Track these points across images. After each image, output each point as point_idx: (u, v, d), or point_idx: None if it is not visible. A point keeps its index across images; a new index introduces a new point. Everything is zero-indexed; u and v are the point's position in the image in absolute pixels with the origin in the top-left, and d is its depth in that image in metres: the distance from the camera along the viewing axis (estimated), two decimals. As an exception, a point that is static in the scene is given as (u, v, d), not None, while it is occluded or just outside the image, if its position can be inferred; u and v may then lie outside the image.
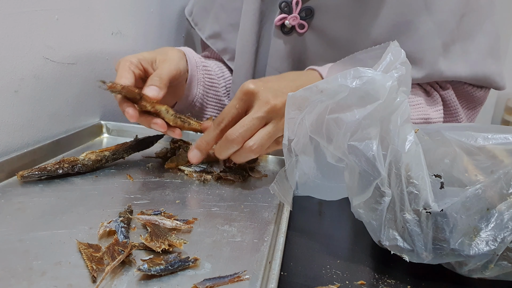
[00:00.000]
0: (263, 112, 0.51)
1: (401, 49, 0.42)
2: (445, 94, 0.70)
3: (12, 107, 0.57)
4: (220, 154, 0.54)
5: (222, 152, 0.53)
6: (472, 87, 0.71)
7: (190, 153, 0.55)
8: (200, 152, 0.55)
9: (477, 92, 0.72)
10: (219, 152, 0.54)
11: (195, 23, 0.86)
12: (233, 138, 0.51)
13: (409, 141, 0.38)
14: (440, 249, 0.36)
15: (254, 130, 0.52)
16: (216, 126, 0.54)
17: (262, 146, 0.52)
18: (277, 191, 0.46)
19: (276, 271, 0.35)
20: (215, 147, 0.54)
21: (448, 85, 0.71)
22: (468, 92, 0.72)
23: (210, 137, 0.54)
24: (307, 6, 0.68)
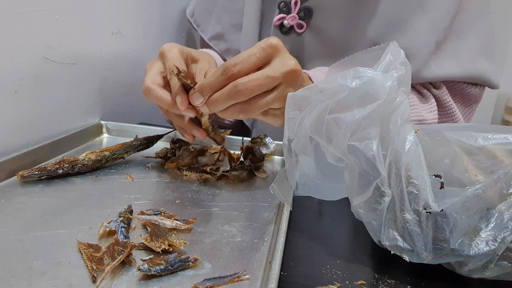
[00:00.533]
0: (280, 74, 0.47)
1: (400, 49, 0.42)
2: (439, 94, 0.70)
3: (12, 107, 0.57)
4: (217, 103, 0.48)
5: (221, 101, 0.48)
6: (467, 85, 0.71)
7: (192, 96, 0.50)
8: (202, 96, 0.49)
9: (471, 89, 0.72)
10: (217, 101, 0.48)
11: (197, 25, 0.86)
12: (241, 89, 0.46)
13: (409, 141, 0.38)
14: (440, 249, 0.36)
15: (264, 89, 0.48)
16: (225, 70, 0.47)
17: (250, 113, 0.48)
18: (277, 191, 0.46)
19: (276, 271, 0.35)
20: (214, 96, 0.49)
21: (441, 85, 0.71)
22: (463, 90, 0.72)
23: (216, 80, 0.48)
24: (306, 6, 0.68)
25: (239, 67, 0.47)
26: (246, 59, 0.48)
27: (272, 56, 0.49)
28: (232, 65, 0.47)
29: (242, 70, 0.47)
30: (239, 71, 0.47)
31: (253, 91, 0.47)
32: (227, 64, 0.48)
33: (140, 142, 0.62)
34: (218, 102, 0.48)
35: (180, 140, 0.65)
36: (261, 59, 0.48)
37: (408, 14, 0.65)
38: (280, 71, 0.47)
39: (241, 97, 0.47)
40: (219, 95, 0.48)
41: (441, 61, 0.67)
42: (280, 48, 0.49)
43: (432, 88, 0.71)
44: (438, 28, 0.66)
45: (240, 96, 0.47)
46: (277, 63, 0.48)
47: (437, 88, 0.71)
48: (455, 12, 0.66)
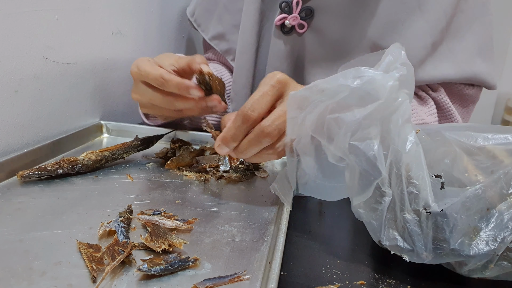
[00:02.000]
0: None
1: (401, 49, 0.42)
2: (437, 97, 0.71)
3: (12, 107, 0.57)
4: (248, 150, 0.47)
5: (251, 147, 0.46)
6: (464, 86, 0.71)
7: (217, 147, 0.48)
8: (228, 147, 0.48)
9: (468, 90, 0.72)
10: (247, 147, 0.47)
11: (198, 24, 0.86)
12: (269, 131, 0.45)
13: (410, 141, 0.38)
14: (440, 249, 0.36)
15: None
16: (245, 118, 0.46)
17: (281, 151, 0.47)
18: (278, 191, 0.46)
19: (276, 271, 0.35)
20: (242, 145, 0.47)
21: (439, 87, 0.71)
22: (460, 91, 0.72)
23: (239, 130, 0.46)
24: (307, 6, 0.68)
25: (258, 111, 0.46)
26: (261, 100, 0.47)
27: (283, 90, 0.48)
28: (251, 110, 0.46)
29: (261, 113, 0.46)
30: (260, 114, 0.46)
31: (281, 130, 0.46)
32: (245, 112, 0.46)
33: (140, 142, 0.62)
34: (248, 149, 0.47)
35: (180, 140, 0.65)
36: (274, 96, 0.47)
37: (406, 15, 0.65)
38: None
39: (270, 139, 0.46)
40: (247, 143, 0.47)
41: (437, 62, 0.67)
42: (288, 82, 0.49)
43: (430, 91, 0.71)
44: (435, 29, 0.66)
45: (269, 138, 0.46)
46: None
47: (435, 90, 0.71)
48: (452, 13, 0.66)
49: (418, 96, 0.71)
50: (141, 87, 0.57)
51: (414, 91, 0.71)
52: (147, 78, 0.55)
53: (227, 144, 0.47)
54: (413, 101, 0.69)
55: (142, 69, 0.55)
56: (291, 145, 0.44)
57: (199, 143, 0.67)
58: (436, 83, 0.70)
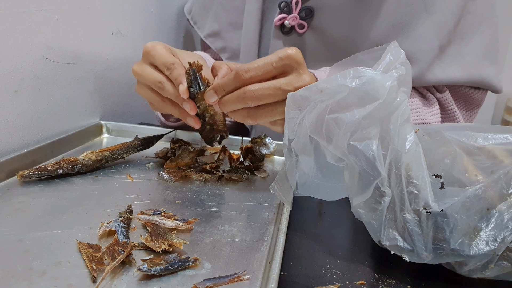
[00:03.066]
0: (294, 88, 0.47)
1: (400, 49, 0.42)
2: (442, 98, 0.70)
3: (12, 107, 0.57)
4: (227, 104, 0.49)
5: (230, 104, 0.49)
6: (470, 89, 0.71)
7: (206, 93, 0.51)
8: (216, 95, 0.50)
9: (474, 93, 0.72)
10: (227, 102, 0.49)
11: (194, 22, 0.86)
12: (249, 96, 0.47)
13: (409, 141, 0.38)
14: (440, 249, 0.36)
15: (273, 100, 0.48)
16: (237, 75, 0.48)
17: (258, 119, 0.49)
18: (277, 191, 0.46)
19: (276, 271, 0.35)
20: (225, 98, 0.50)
21: (444, 88, 0.71)
22: (466, 94, 0.72)
23: (229, 83, 0.49)
24: (307, 6, 0.68)
25: (252, 73, 0.47)
26: (261, 67, 0.48)
27: (290, 68, 0.49)
28: (245, 71, 0.48)
29: (254, 77, 0.48)
30: (251, 77, 0.48)
31: (260, 100, 0.47)
32: (240, 69, 0.48)
33: (140, 142, 0.62)
34: (228, 103, 0.49)
35: (180, 140, 0.65)
36: (277, 68, 0.48)
37: (413, 17, 0.65)
38: (293, 85, 0.48)
39: (249, 103, 0.48)
40: (229, 97, 0.49)
41: (444, 65, 0.67)
42: (300, 61, 0.49)
43: (436, 92, 0.71)
44: (442, 31, 0.65)
45: (247, 102, 0.48)
46: (294, 77, 0.48)
47: (441, 91, 0.71)
48: (459, 15, 0.66)
49: (423, 96, 0.71)
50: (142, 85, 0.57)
51: (419, 91, 0.71)
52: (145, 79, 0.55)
53: (216, 92, 0.50)
54: (417, 100, 0.69)
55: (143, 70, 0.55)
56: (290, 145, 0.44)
57: (199, 143, 0.67)
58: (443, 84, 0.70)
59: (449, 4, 0.65)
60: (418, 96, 0.71)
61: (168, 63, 0.53)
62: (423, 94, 0.71)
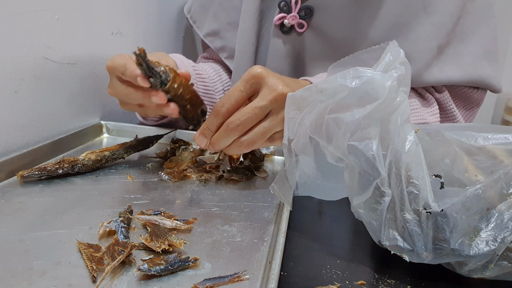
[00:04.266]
0: (268, 101, 0.48)
1: (400, 49, 0.42)
2: (441, 98, 0.70)
3: (12, 107, 0.57)
4: (219, 143, 0.51)
5: (221, 140, 0.50)
6: (468, 88, 0.71)
7: (197, 139, 0.52)
8: (205, 137, 0.52)
9: (473, 93, 0.72)
10: (218, 140, 0.50)
11: (193, 21, 0.86)
12: (233, 127, 0.49)
13: (409, 141, 0.38)
14: (440, 249, 0.36)
15: (255, 120, 0.49)
16: (216, 112, 0.50)
17: (253, 143, 0.50)
18: (277, 191, 0.46)
19: (276, 271, 0.35)
20: (213, 138, 0.51)
21: (443, 88, 0.71)
22: (465, 94, 0.72)
23: (212, 123, 0.51)
24: (307, 5, 0.68)
25: (227, 105, 0.49)
26: (231, 95, 0.50)
27: (258, 86, 0.50)
28: (220, 105, 0.50)
29: (230, 108, 0.49)
30: (228, 109, 0.49)
31: (245, 125, 0.49)
32: (216, 105, 0.50)
33: (140, 142, 0.62)
34: (219, 141, 0.51)
35: (180, 140, 0.65)
36: (246, 91, 0.50)
37: (412, 17, 0.65)
38: (267, 99, 0.48)
39: (237, 133, 0.49)
40: (217, 136, 0.51)
41: (443, 65, 0.67)
42: (263, 75, 0.49)
43: (434, 92, 0.71)
44: (441, 32, 0.65)
45: (235, 132, 0.49)
46: (264, 91, 0.49)
47: (440, 92, 0.71)
48: (458, 16, 0.66)
49: (421, 96, 0.71)
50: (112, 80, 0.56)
51: (418, 91, 0.71)
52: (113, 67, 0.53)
53: (204, 135, 0.52)
54: (416, 101, 0.69)
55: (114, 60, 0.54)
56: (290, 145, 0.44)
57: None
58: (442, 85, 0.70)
59: (448, 4, 0.65)
60: (416, 96, 0.71)
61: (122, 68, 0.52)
62: (422, 95, 0.71)
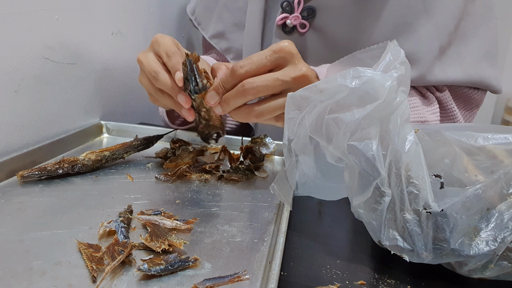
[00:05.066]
0: (291, 78, 0.48)
1: (400, 48, 0.42)
2: (442, 97, 0.71)
3: (12, 107, 0.57)
4: (228, 102, 0.49)
5: (231, 100, 0.49)
6: (469, 89, 0.71)
7: (207, 95, 0.51)
8: (217, 94, 0.51)
9: (473, 94, 0.72)
10: (228, 100, 0.49)
11: (198, 23, 0.86)
12: (248, 88, 0.47)
13: (409, 141, 0.38)
14: (440, 249, 0.36)
15: (271, 90, 0.48)
16: (233, 71, 0.49)
17: (262, 115, 0.50)
18: (277, 191, 0.46)
19: (276, 271, 0.35)
20: (225, 95, 0.50)
21: (444, 88, 0.71)
22: (465, 94, 0.72)
23: (227, 80, 0.50)
24: (309, 5, 0.68)
25: (247, 68, 0.48)
26: (255, 60, 0.48)
27: (285, 61, 0.49)
28: (240, 66, 0.48)
29: (249, 71, 0.48)
30: (247, 72, 0.48)
31: (259, 92, 0.48)
32: (236, 65, 0.49)
33: (140, 142, 0.62)
34: (229, 101, 0.49)
35: (180, 140, 0.65)
36: (271, 61, 0.49)
37: (413, 18, 0.65)
38: (291, 75, 0.48)
39: (248, 96, 0.48)
40: (229, 94, 0.49)
41: (444, 66, 0.67)
42: (293, 52, 0.49)
43: (435, 91, 0.71)
44: (442, 33, 0.65)
45: (247, 95, 0.48)
46: (290, 67, 0.48)
47: (440, 91, 0.71)
48: (459, 17, 0.66)
49: (422, 95, 0.71)
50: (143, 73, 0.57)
51: (419, 90, 0.71)
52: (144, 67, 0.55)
53: (217, 92, 0.50)
54: (416, 99, 0.69)
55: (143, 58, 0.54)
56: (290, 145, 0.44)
57: (199, 143, 0.67)
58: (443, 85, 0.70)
59: (449, 6, 0.65)
60: (417, 95, 0.71)
61: (170, 51, 0.53)
62: (423, 93, 0.71)
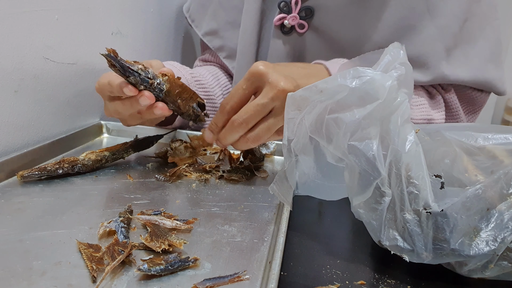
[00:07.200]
0: (269, 98, 0.49)
1: (400, 49, 0.42)
2: (448, 97, 0.70)
3: (12, 107, 0.57)
4: (225, 139, 0.52)
5: (227, 137, 0.52)
6: (473, 90, 0.71)
7: (204, 134, 0.55)
8: (212, 132, 0.54)
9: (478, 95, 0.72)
10: (224, 137, 0.52)
11: (192, 20, 0.86)
12: (237, 124, 0.50)
13: (409, 141, 0.38)
14: (440, 249, 0.36)
15: (258, 116, 0.50)
16: (221, 109, 0.52)
17: (259, 138, 0.51)
18: (277, 191, 0.46)
19: (276, 271, 0.35)
20: (220, 134, 0.53)
21: (450, 88, 0.71)
22: (470, 96, 0.72)
23: (219, 119, 0.53)
24: (307, 5, 0.68)
25: (231, 103, 0.51)
26: (235, 94, 0.51)
27: (261, 83, 0.50)
28: (226, 103, 0.52)
29: (234, 105, 0.51)
30: (232, 107, 0.51)
31: (249, 122, 0.50)
32: (222, 102, 0.52)
33: (140, 142, 0.62)
34: (225, 137, 0.52)
35: (180, 140, 0.65)
36: (248, 89, 0.51)
37: (416, 20, 0.65)
38: (268, 96, 0.49)
39: (241, 130, 0.51)
40: (223, 133, 0.52)
41: (452, 67, 0.67)
42: (263, 72, 0.50)
43: (441, 90, 0.71)
44: (446, 34, 0.65)
45: (240, 129, 0.50)
46: (266, 89, 0.50)
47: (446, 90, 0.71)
48: (464, 18, 0.66)
49: (429, 94, 0.71)
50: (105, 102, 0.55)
51: (426, 88, 0.71)
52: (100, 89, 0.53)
53: (212, 131, 0.54)
54: (424, 97, 0.69)
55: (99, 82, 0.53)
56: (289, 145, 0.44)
57: (199, 143, 0.67)
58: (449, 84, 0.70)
59: (453, 7, 0.65)
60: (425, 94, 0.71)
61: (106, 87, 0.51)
62: (430, 92, 0.71)
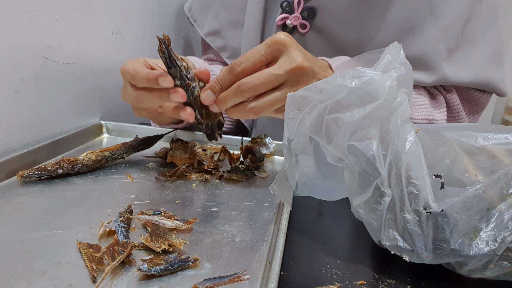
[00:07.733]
0: (285, 71, 0.47)
1: (400, 49, 0.42)
2: (449, 97, 0.70)
3: (12, 107, 0.57)
4: (225, 101, 0.50)
5: (229, 99, 0.49)
6: (475, 91, 0.71)
7: (202, 94, 0.51)
8: (213, 93, 0.50)
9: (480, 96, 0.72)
10: (225, 99, 0.49)
11: (194, 19, 0.86)
12: (244, 88, 0.48)
13: (409, 141, 0.38)
14: (440, 249, 0.36)
15: (268, 86, 0.48)
16: (231, 70, 0.49)
17: (261, 111, 0.49)
18: (277, 191, 0.46)
19: (276, 271, 0.35)
20: (221, 94, 0.50)
21: (452, 88, 0.71)
22: (472, 97, 0.72)
23: (224, 79, 0.50)
24: (309, 6, 0.68)
25: (244, 65, 0.48)
26: (251, 57, 0.48)
27: (279, 53, 0.49)
28: (237, 64, 0.48)
29: (246, 68, 0.48)
30: (244, 70, 0.48)
31: (256, 90, 0.48)
32: (233, 63, 0.49)
33: (140, 142, 0.62)
34: (226, 100, 0.49)
35: (180, 140, 0.65)
36: (266, 56, 0.48)
37: (418, 21, 0.65)
38: (284, 68, 0.47)
39: (246, 95, 0.48)
40: (226, 94, 0.49)
41: (454, 68, 0.67)
42: (287, 43, 0.48)
43: (443, 90, 0.71)
44: (448, 35, 0.65)
45: (244, 94, 0.48)
46: (283, 60, 0.48)
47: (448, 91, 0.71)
48: (466, 19, 0.66)
49: (430, 94, 0.71)
50: (125, 84, 0.56)
51: (426, 88, 0.71)
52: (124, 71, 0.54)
53: (213, 90, 0.50)
54: (425, 97, 0.69)
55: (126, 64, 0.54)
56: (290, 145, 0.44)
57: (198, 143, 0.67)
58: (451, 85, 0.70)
59: (455, 8, 0.64)
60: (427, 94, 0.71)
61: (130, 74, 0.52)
62: (431, 93, 0.71)
